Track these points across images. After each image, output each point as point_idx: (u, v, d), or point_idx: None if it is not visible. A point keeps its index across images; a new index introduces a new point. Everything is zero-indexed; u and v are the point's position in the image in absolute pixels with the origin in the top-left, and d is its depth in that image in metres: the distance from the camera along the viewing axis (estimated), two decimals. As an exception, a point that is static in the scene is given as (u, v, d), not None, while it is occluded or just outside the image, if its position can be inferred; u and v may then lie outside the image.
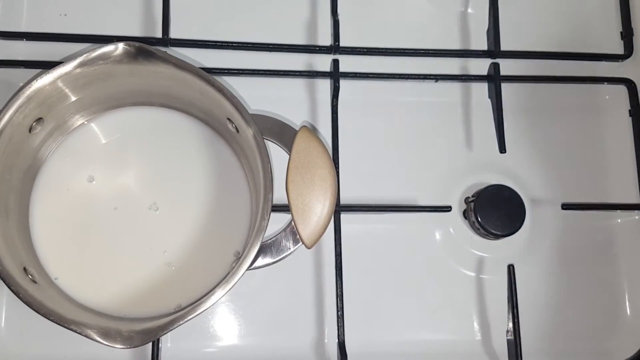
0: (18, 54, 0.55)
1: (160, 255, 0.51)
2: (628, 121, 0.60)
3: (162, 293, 0.50)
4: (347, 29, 0.56)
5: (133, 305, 0.49)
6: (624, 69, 0.61)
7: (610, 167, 0.59)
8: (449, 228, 0.56)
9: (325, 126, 0.56)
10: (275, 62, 0.57)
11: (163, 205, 0.52)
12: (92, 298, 0.49)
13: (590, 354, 0.55)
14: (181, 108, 0.53)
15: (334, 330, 0.51)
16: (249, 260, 0.45)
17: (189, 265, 0.51)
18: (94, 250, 0.51)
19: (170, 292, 0.50)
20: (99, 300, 0.49)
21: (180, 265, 0.51)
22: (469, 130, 0.58)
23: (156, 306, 0.49)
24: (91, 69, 0.46)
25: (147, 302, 0.49)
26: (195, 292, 0.50)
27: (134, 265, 0.51)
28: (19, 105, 0.45)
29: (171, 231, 0.51)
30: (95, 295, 0.49)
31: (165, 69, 0.47)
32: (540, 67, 0.60)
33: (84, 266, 0.50)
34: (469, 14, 0.61)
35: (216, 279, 0.50)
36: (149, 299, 0.50)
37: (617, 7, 0.62)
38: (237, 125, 0.49)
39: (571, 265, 0.57)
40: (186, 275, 0.51)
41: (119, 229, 0.51)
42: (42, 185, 0.51)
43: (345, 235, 0.52)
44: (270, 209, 0.45)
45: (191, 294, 0.50)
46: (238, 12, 0.58)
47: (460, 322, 0.55)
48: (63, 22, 0.56)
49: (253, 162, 0.48)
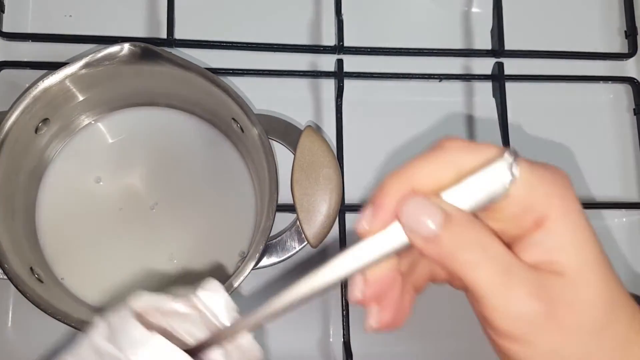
0: (24, 55, 0.55)
1: (165, 255, 0.51)
2: (632, 120, 0.60)
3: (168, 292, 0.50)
4: (351, 28, 0.56)
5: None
6: (628, 68, 0.61)
7: (614, 166, 0.59)
8: (453, 227, 0.56)
9: (329, 126, 0.56)
10: (280, 62, 0.57)
11: (168, 205, 0.52)
12: (98, 298, 0.49)
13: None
14: (186, 108, 0.53)
15: (339, 330, 0.51)
16: (254, 259, 0.45)
17: (194, 265, 0.51)
18: (100, 250, 0.51)
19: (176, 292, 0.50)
20: (105, 300, 0.49)
21: (185, 265, 0.51)
22: (473, 130, 0.58)
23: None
24: (97, 69, 0.46)
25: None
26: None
27: (139, 265, 0.51)
28: (25, 106, 0.45)
29: (177, 231, 0.52)
30: (101, 295, 0.49)
31: (170, 70, 0.47)
32: (544, 66, 0.60)
33: (90, 266, 0.51)
34: (472, 13, 0.61)
35: (221, 278, 0.50)
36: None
37: (621, 6, 0.62)
38: (242, 125, 0.49)
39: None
40: (192, 275, 0.51)
41: (125, 229, 0.51)
42: (48, 185, 0.52)
43: (350, 235, 0.52)
44: (275, 209, 0.45)
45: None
46: (243, 12, 0.59)
47: (465, 320, 0.55)
48: (68, 23, 0.57)
49: (258, 162, 0.49)
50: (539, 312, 0.23)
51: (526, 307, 0.23)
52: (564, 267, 0.24)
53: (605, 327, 0.24)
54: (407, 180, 0.25)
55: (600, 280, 0.24)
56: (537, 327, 0.23)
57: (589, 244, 0.24)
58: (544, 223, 0.24)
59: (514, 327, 0.24)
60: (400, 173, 0.26)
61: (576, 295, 0.24)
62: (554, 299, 0.23)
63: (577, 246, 0.24)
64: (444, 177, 0.25)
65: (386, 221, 0.26)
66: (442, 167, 0.25)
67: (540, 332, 0.23)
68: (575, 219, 0.24)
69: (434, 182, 0.25)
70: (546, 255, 0.24)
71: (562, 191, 0.24)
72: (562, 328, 0.23)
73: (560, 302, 0.23)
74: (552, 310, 0.23)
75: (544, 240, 0.24)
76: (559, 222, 0.24)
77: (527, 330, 0.24)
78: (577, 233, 0.24)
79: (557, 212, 0.24)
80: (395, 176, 0.26)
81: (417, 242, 0.25)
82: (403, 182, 0.25)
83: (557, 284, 0.24)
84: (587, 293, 0.24)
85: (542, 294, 0.23)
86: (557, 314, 0.23)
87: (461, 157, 0.25)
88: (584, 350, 0.24)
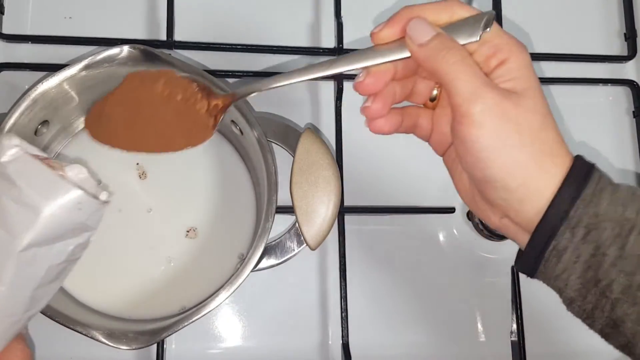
0: (23, 57, 0.55)
1: (164, 257, 0.51)
2: (631, 122, 0.60)
3: (167, 295, 0.50)
4: (350, 31, 0.56)
5: (138, 307, 0.49)
6: (627, 70, 0.61)
7: (614, 168, 0.59)
8: (452, 229, 0.56)
9: (329, 128, 0.56)
10: (279, 64, 0.57)
11: (167, 208, 0.52)
12: (97, 300, 0.49)
13: (594, 356, 0.55)
14: (186, 110, 0.53)
15: (338, 332, 0.51)
16: (254, 261, 0.45)
17: (193, 267, 0.51)
18: (99, 253, 0.51)
19: (175, 294, 0.50)
20: (104, 302, 0.49)
21: (184, 267, 0.51)
22: (472, 132, 0.58)
23: (161, 308, 0.50)
24: (96, 71, 0.46)
25: (152, 304, 0.50)
26: (199, 293, 0.50)
27: (138, 267, 0.51)
28: (24, 108, 0.45)
29: (176, 233, 0.52)
30: (100, 297, 0.49)
31: (169, 72, 0.47)
32: (544, 68, 0.60)
33: (90, 268, 0.50)
34: (472, 15, 0.61)
35: (221, 280, 0.50)
36: (154, 300, 0.50)
37: (620, 9, 0.62)
38: (241, 127, 0.49)
39: (575, 267, 0.57)
40: (191, 277, 0.51)
41: (124, 231, 0.51)
42: (47, 187, 0.52)
43: (349, 237, 0.52)
44: (274, 211, 0.45)
45: (196, 296, 0.50)
46: (242, 14, 0.59)
47: (464, 323, 0.55)
48: (68, 25, 0.57)
49: (257, 164, 0.49)
50: (495, 101, 0.32)
51: (487, 94, 0.33)
52: (516, 88, 0.33)
53: (540, 130, 0.33)
54: (416, 12, 0.35)
55: (540, 99, 0.34)
56: (491, 113, 0.32)
57: (533, 78, 0.34)
58: (505, 62, 0.34)
59: (476, 110, 0.32)
60: (412, 7, 0.35)
61: (523, 103, 0.33)
62: (506, 99, 0.33)
63: (526, 77, 0.34)
64: (442, 18, 0.35)
65: (395, 33, 0.35)
66: (442, 11, 0.35)
67: (492, 118, 0.32)
68: (527, 63, 0.34)
69: (435, 19, 0.35)
70: (505, 81, 0.34)
71: (519, 46, 0.34)
72: (509, 120, 0.33)
73: (510, 103, 0.33)
74: (503, 103, 0.33)
75: (504, 72, 0.34)
76: (516, 61, 0.34)
77: (484, 115, 0.32)
78: (527, 70, 0.34)
79: (515, 55, 0.34)
80: (407, 8, 0.35)
81: (413, 48, 0.34)
82: (413, 12, 0.35)
83: (512, 95, 0.33)
84: (531, 104, 0.33)
85: (499, 92, 0.33)
86: (506, 110, 0.33)
87: (457, 9, 0.35)
88: (522, 141, 0.33)
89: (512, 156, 0.33)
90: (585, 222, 0.32)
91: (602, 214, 0.32)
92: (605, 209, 0.32)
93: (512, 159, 0.33)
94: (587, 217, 0.32)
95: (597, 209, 0.32)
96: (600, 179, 0.33)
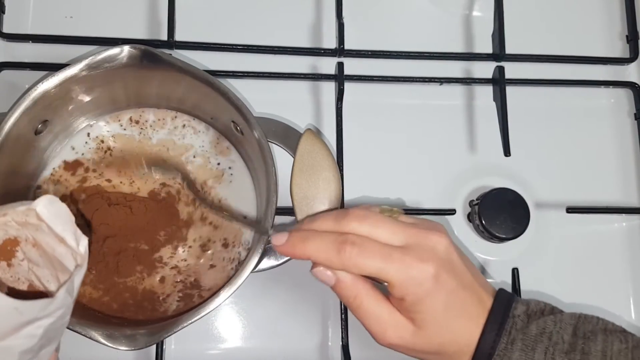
0: (24, 56, 0.55)
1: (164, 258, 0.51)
2: (633, 124, 0.60)
3: (167, 295, 0.50)
4: (352, 31, 0.56)
5: (137, 308, 0.49)
6: (629, 73, 0.61)
7: (615, 171, 0.59)
8: (453, 231, 0.56)
9: (329, 129, 0.56)
10: (280, 64, 0.57)
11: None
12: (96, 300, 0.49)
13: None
14: (186, 110, 0.53)
15: (338, 333, 0.51)
16: (253, 262, 0.45)
17: (193, 269, 0.51)
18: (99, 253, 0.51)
19: (175, 294, 0.50)
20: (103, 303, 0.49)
21: (184, 269, 0.51)
22: (473, 134, 0.58)
23: (161, 308, 0.49)
24: (97, 71, 0.46)
25: (152, 304, 0.49)
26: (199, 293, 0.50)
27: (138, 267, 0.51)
28: (25, 108, 0.45)
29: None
30: (99, 298, 0.49)
31: (170, 72, 0.47)
32: (545, 70, 0.60)
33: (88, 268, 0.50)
34: (473, 16, 0.61)
35: (221, 281, 0.50)
36: (154, 301, 0.50)
37: (622, 11, 0.62)
38: (241, 128, 0.49)
39: (575, 269, 0.57)
40: (190, 278, 0.51)
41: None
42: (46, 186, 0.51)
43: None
44: (274, 212, 0.45)
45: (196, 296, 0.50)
46: (243, 14, 0.59)
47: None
48: (69, 25, 0.57)
49: (258, 164, 0.49)
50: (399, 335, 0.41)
51: (392, 334, 0.42)
52: (415, 320, 0.41)
53: (440, 346, 0.41)
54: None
55: (434, 328, 0.41)
56: (401, 342, 0.42)
57: (429, 306, 0.40)
58: (404, 299, 0.40)
59: (391, 342, 0.42)
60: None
61: (421, 335, 0.41)
62: (409, 335, 0.41)
63: (421, 311, 0.40)
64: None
65: (294, 255, 0.42)
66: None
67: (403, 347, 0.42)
68: (424, 290, 0.40)
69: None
70: (409, 315, 0.41)
71: (419, 287, 0.40)
72: (415, 352, 0.42)
73: (413, 339, 0.41)
74: (406, 338, 0.41)
75: (407, 307, 0.41)
76: (415, 299, 0.40)
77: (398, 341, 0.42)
78: (421, 305, 0.40)
79: (412, 297, 0.40)
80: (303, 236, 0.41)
81: (326, 281, 0.43)
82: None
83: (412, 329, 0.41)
84: (427, 335, 0.41)
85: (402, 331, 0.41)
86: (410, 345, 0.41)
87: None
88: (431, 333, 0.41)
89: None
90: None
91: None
92: (517, 358, 0.40)
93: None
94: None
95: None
96: (511, 330, 0.41)
